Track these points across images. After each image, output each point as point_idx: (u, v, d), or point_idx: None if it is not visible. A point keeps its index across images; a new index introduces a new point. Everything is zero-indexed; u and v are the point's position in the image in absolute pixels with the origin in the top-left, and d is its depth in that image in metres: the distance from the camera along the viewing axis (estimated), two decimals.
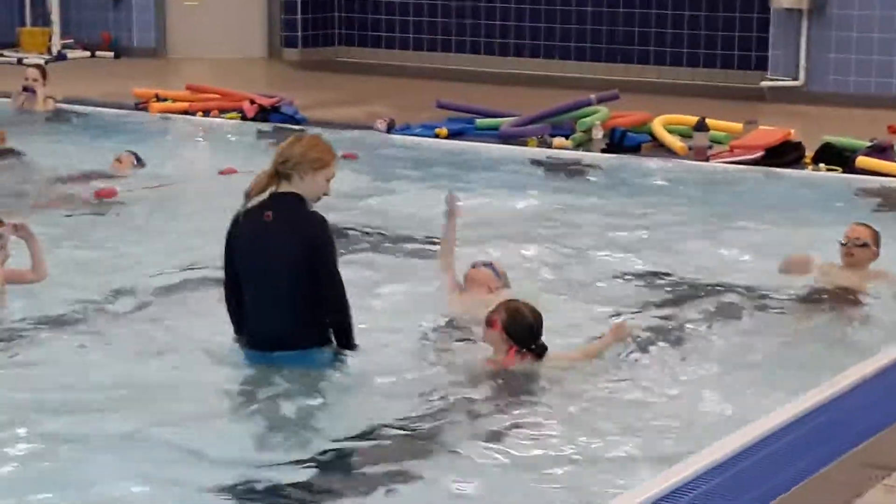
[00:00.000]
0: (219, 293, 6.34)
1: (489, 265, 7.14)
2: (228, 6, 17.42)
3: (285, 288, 5.91)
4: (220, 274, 6.30)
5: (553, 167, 10.85)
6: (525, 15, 16.12)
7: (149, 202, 9.55)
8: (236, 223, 6.05)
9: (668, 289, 7.52)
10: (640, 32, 15.46)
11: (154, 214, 9.21)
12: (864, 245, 7.45)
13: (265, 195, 5.98)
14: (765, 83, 14.03)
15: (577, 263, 8.07)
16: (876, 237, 7.54)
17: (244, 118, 12.55)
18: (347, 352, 6.06)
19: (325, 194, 6.03)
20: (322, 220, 5.96)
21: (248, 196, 5.98)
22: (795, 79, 13.87)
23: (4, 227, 6.90)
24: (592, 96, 12.05)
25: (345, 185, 9.92)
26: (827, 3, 13.70)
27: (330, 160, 6.01)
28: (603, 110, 11.81)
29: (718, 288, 7.48)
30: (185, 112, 12.86)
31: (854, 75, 13.71)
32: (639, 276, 7.75)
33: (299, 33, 17.12)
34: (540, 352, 6.09)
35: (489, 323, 6.09)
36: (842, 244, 7.50)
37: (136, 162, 10.35)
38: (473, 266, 7.15)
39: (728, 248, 8.52)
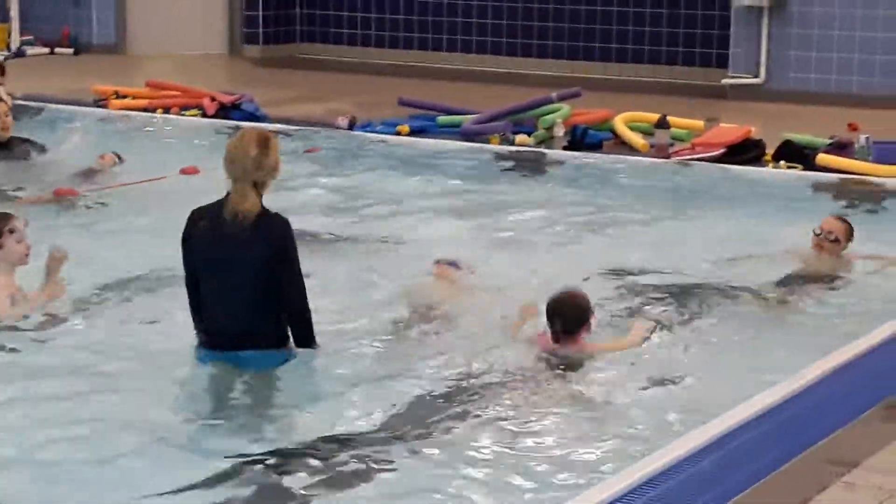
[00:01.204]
0: (175, 293, 6.29)
1: (452, 263, 7.14)
2: (189, 3, 17.32)
3: (247, 288, 5.88)
4: (178, 274, 6.25)
5: (515, 164, 10.84)
6: (487, 12, 16.10)
7: (109, 202, 9.48)
8: (194, 224, 6.00)
9: (628, 285, 7.52)
10: (602, 30, 15.48)
11: (114, 214, 9.14)
12: (836, 241, 7.78)
13: (223, 196, 5.94)
14: (726, 81, 14.07)
15: (539, 260, 8.07)
16: (848, 233, 7.83)
17: (204, 115, 12.47)
18: (307, 350, 6.03)
19: None
20: (285, 222, 5.94)
21: (236, 217, 5.85)
22: (756, 76, 13.92)
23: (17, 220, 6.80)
24: (554, 94, 12.05)
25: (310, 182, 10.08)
26: (788, 0, 13.76)
27: (263, 137, 5.97)
28: (565, 108, 11.81)
29: (680, 283, 7.50)
30: (145, 109, 12.77)
31: (814, 73, 13.77)
32: (600, 273, 7.74)
33: (260, 30, 17.05)
34: (556, 335, 6.23)
35: (532, 305, 6.39)
36: (815, 234, 7.79)
37: (118, 160, 10.36)
38: (437, 263, 7.14)
39: (689, 244, 8.54)
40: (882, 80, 13.50)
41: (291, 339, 6.04)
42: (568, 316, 6.28)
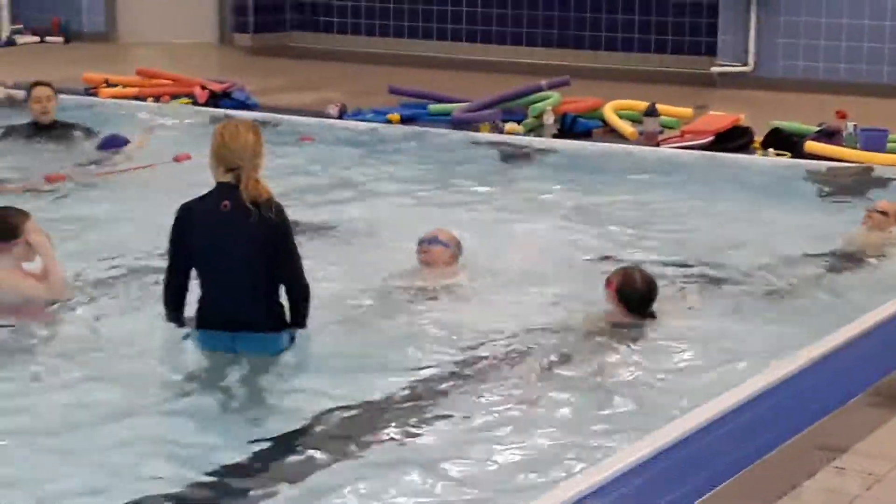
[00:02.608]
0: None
1: (435, 240, 7.18)
2: None
3: (247, 273, 5.97)
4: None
5: (505, 152, 10.88)
6: (477, 0, 16.12)
7: (100, 189, 9.51)
8: (188, 213, 6.06)
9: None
10: (591, 18, 15.51)
11: (106, 201, 9.17)
12: (883, 213, 8.22)
13: (214, 186, 6.02)
14: (714, 68, 14.12)
15: (531, 247, 8.11)
16: None
17: (195, 103, 12.49)
18: (305, 332, 6.12)
19: None
20: (279, 206, 6.01)
21: (255, 205, 5.92)
22: (745, 64, 13.96)
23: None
24: (543, 82, 12.07)
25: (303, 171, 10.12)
26: None
27: (256, 127, 6.09)
28: (554, 96, 11.84)
29: (673, 268, 7.55)
30: (136, 97, 12.79)
31: (802, 60, 13.82)
32: (593, 260, 7.79)
33: (251, 18, 17.04)
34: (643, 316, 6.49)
35: (607, 282, 6.56)
36: (867, 210, 8.37)
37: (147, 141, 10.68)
38: (420, 245, 7.20)
39: (678, 230, 8.60)
40: (869, 67, 13.56)
41: (287, 322, 6.10)
42: (646, 301, 6.53)
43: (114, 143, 10.60)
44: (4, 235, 6.57)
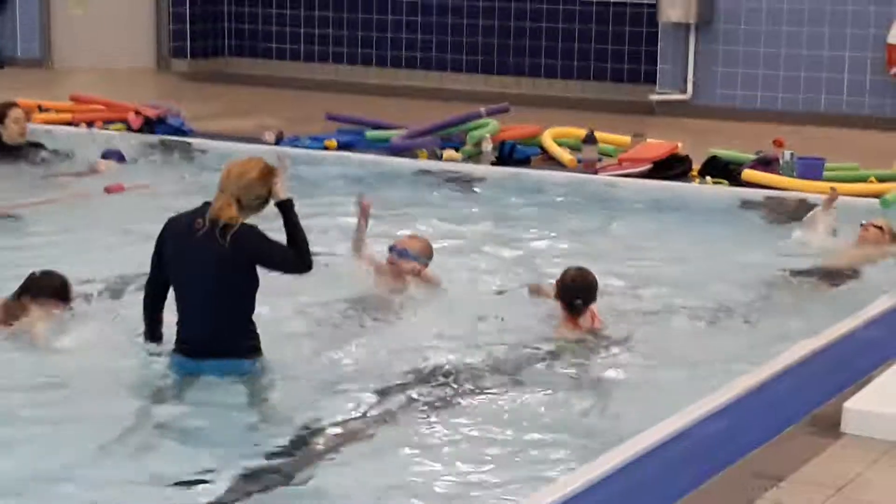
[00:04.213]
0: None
1: (405, 253, 7.33)
2: (115, 16, 17.13)
3: (212, 297, 5.99)
4: (114, 288, 6.41)
5: (443, 179, 10.82)
6: (416, 27, 16.10)
7: (29, 218, 9.35)
8: (169, 224, 6.15)
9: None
10: (531, 45, 15.52)
11: (36, 231, 9.01)
12: (879, 228, 8.43)
13: (201, 204, 6.06)
14: (653, 97, 14.16)
15: (462, 274, 8.04)
16: (892, 234, 8.44)
17: (129, 129, 12.34)
18: (264, 359, 6.13)
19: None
20: (252, 227, 6.02)
21: (213, 225, 5.95)
22: (683, 92, 14.02)
23: None
24: (483, 109, 12.04)
25: None
26: (714, 17, 13.87)
27: (269, 168, 6.09)
28: (493, 123, 11.81)
29: (608, 297, 7.49)
30: (69, 123, 12.61)
31: (740, 89, 13.89)
32: (522, 287, 7.72)
33: (188, 44, 16.91)
34: (574, 311, 6.69)
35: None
36: (861, 224, 8.53)
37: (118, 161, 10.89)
38: (391, 253, 7.38)
39: (617, 257, 8.55)
40: (806, 96, 13.64)
41: (256, 348, 6.13)
42: (586, 289, 6.67)
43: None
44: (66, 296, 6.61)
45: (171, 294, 6.18)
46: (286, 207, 6.07)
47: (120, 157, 10.98)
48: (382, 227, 9.00)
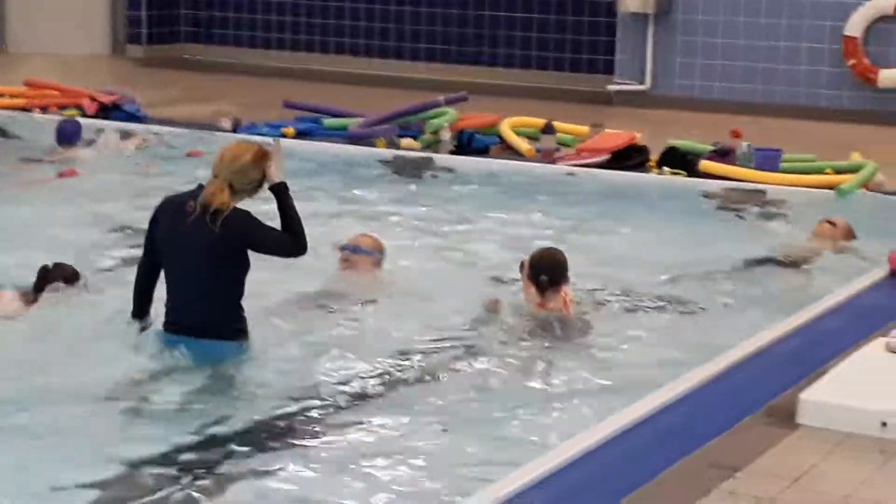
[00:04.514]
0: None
1: (358, 249, 7.28)
2: (71, 1, 16.97)
3: (202, 280, 6.01)
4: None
5: (401, 168, 10.78)
6: (375, 15, 16.03)
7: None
8: (162, 204, 6.16)
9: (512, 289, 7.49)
10: (490, 34, 15.49)
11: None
12: (832, 223, 8.48)
13: (195, 187, 6.07)
14: (611, 87, 14.16)
15: (427, 263, 8.01)
16: (849, 228, 8.49)
17: (84, 115, 12.23)
18: (253, 345, 6.15)
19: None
20: (245, 213, 6.02)
21: (205, 209, 5.96)
22: (641, 83, 14.03)
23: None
24: (441, 98, 12.01)
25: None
26: (672, 8, 13.89)
27: (262, 152, 6.08)
28: (451, 112, 11.77)
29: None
30: (23, 108, 12.49)
31: (698, 80, 13.92)
32: (484, 277, 7.71)
33: (144, 30, 16.78)
34: (540, 289, 6.70)
35: (521, 266, 6.85)
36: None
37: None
38: (343, 252, 7.32)
39: (574, 246, 8.53)
40: (763, 87, 13.69)
41: (242, 331, 6.15)
42: (552, 267, 6.71)
43: (70, 135, 10.79)
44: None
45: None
46: (280, 190, 6.08)
47: (73, 132, 10.85)
48: (344, 217, 8.99)
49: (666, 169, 10.62)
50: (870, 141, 11.61)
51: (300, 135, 11.68)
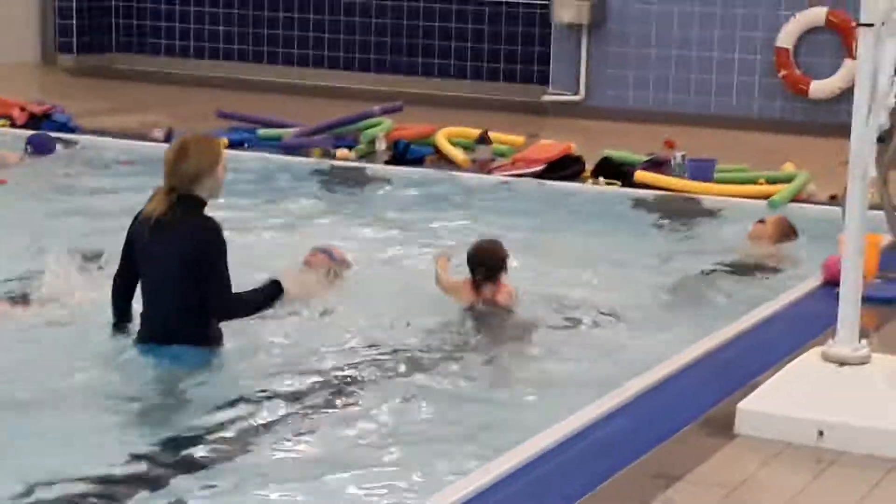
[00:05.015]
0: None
1: (327, 251, 7.36)
2: None
3: (176, 286, 6.05)
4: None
5: (336, 178, 10.73)
6: (308, 25, 15.96)
7: None
8: (136, 218, 6.22)
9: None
10: (424, 45, 15.47)
11: None
12: (761, 222, 8.68)
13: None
14: (546, 97, 14.19)
15: (362, 271, 7.96)
16: (781, 226, 8.62)
17: (14, 125, 12.08)
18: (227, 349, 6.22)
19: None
20: (215, 226, 6.09)
21: (147, 219, 6.07)
22: (576, 93, 14.07)
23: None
24: (376, 108, 11.97)
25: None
26: (606, 19, 13.95)
27: (220, 152, 6.30)
28: (387, 122, 11.74)
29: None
30: None
31: (632, 90, 13.98)
32: (419, 287, 7.66)
33: (75, 39, 16.59)
34: (479, 283, 6.86)
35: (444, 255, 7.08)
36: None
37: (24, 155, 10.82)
38: (313, 250, 7.38)
39: (511, 258, 8.52)
40: (697, 98, 13.77)
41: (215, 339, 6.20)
42: (488, 261, 6.81)
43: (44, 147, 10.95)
44: None
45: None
46: (276, 289, 6.22)
47: (43, 145, 10.96)
48: (279, 229, 8.93)
49: (601, 179, 10.65)
50: (802, 151, 11.72)
51: (234, 145, 11.57)
